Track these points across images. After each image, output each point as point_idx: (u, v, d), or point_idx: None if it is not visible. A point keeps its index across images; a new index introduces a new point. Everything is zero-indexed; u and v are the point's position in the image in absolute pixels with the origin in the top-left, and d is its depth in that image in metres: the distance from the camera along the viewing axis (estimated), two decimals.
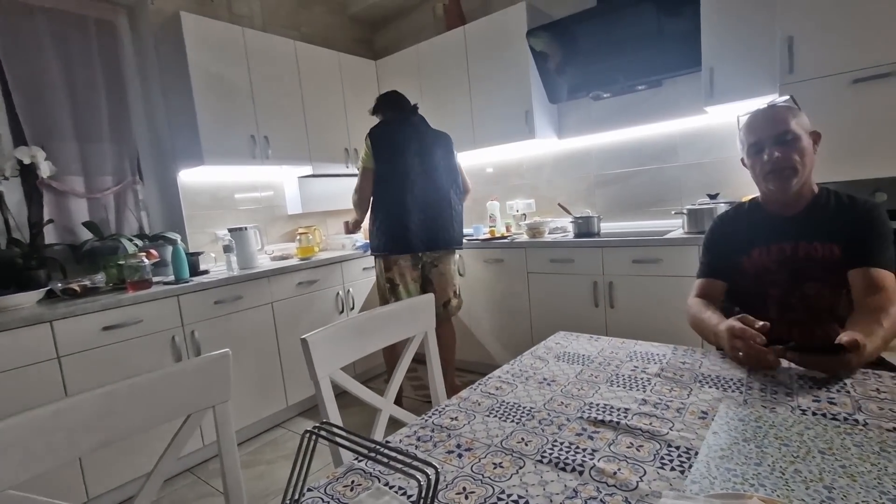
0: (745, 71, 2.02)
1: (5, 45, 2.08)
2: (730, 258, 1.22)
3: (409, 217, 2.20)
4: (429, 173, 2.25)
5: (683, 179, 2.54)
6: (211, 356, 0.86)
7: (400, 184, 2.20)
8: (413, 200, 2.21)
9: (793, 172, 1.10)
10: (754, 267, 1.18)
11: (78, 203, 2.30)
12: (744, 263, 1.20)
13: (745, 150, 1.18)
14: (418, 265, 2.29)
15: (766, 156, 1.11)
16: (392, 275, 2.26)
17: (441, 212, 2.26)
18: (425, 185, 2.24)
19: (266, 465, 2.06)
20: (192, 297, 2.05)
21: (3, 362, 1.58)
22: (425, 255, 2.29)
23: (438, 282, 2.31)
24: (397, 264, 2.24)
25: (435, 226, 2.25)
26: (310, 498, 0.65)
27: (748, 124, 1.17)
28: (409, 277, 2.27)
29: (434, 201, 2.25)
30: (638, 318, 2.20)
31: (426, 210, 2.23)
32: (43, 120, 2.18)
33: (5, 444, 0.64)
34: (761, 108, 1.17)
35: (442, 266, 2.32)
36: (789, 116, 1.10)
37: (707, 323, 1.08)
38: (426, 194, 2.24)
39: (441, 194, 2.27)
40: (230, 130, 2.47)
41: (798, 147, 1.09)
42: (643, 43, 2.32)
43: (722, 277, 1.23)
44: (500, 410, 0.86)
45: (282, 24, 3.08)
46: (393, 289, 2.27)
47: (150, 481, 0.78)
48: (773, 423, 0.72)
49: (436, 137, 2.32)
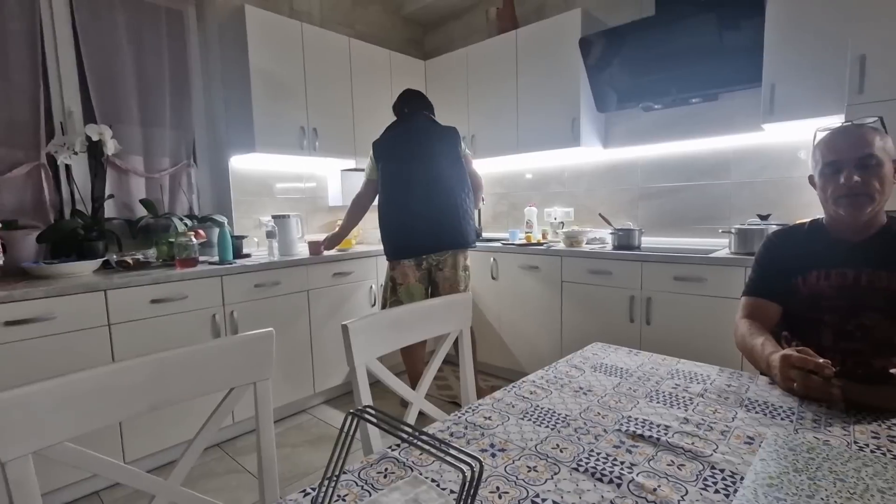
0: (810, 89, 1.93)
1: (85, 29, 2.22)
2: (784, 278, 1.16)
3: (413, 222, 2.19)
4: (433, 178, 2.20)
5: (733, 198, 2.45)
6: (256, 333, 0.89)
7: (403, 190, 2.20)
8: (417, 206, 2.18)
9: (868, 200, 1.03)
10: (810, 290, 1.12)
11: (137, 181, 2.43)
12: (798, 285, 1.13)
13: (817, 169, 1.11)
14: (421, 266, 2.27)
15: (844, 178, 1.03)
16: (395, 274, 2.28)
17: (447, 214, 2.21)
18: (429, 189, 2.19)
19: (290, 448, 2.11)
20: (234, 279, 2.13)
21: (61, 325, 1.68)
22: (429, 258, 2.26)
23: (443, 285, 2.29)
24: (401, 264, 2.26)
25: (440, 228, 2.21)
26: (344, 480, 0.66)
27: (828, 142, 1.09)
28: (412, 278, 2.26)
29: (440, 205, 2.20)
30: (676, 337, 2.13)
31: (431, 214, 2.19)
32: (112, 101, 2.32)
33: (67, 398, 0.69)
34: (845, 126, 1.09)
35: (447, 270, 2.28)
36: (875, 139, 1.03)
37: (758, 350, 1.02)
38: (430, 199, 2.19)
39: (447, 197, 2.21)
40: (282, 121, 2.56)
41: (879, 174, 1.02)
42: (701, 55, 2.25)
43: (772, 297, 1.17)
44: (535, 415, 0.85)
45: (338, 20, 3.16)
46: (394, 288, 2.29)
47: (192, 448, 0.81)
48: (828, 457, 0.68)
49: (441, 137, 2.26)
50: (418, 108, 2.32)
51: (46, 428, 0.66)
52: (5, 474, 0.62)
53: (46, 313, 1.64)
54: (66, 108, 2.19)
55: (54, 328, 1.66)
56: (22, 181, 2.07)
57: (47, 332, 1.65)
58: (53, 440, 0.67)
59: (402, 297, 2.28)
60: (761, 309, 1.17)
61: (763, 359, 0.99)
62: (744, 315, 1.17)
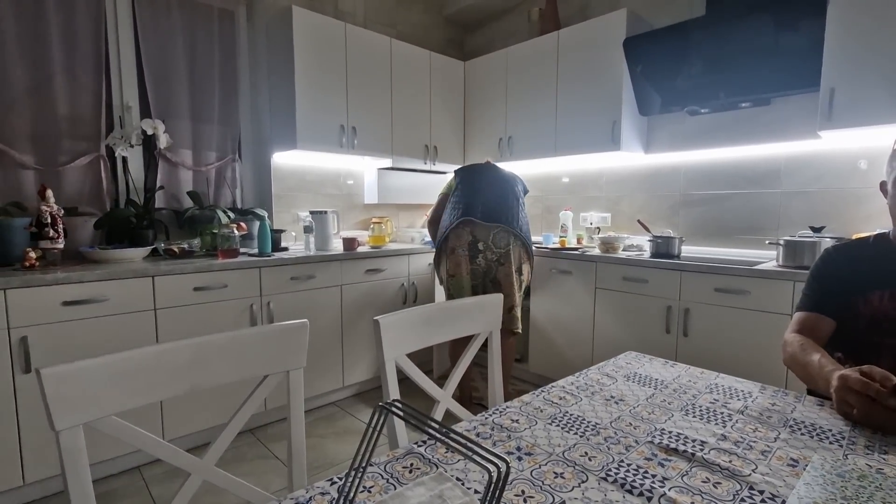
0: (872, 95, 1.81)
1: (145, 29, 2.35)
2: (842, 296, 1.08)
3: (474, 200, 2.30)
4: (496, 190, 2.35)
5: (784, 208, 2.33)
6: (292, 324, 0.92)
7: (469, 191, 2.33)
8: (478, 196, 2.31)
9: None
10: (872, 312, 1.05)
11: (185, 174, 2.54)
12: (859, 306, 1.06)
13: (891, 176, 1.05)
14: (476, 259, 2.28)
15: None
16: (449, 264, 2.33)
17: (505, 204, 2.31)
18: (491, 193, 2.33)
19: (318, 439, 2.16)
20: (271, 271, 2.20)
21: (113, 307, 1.78)
22: (488, 250, 2.27)
23: (504, 282, 2.28)
24: (454, 254, 2.29)
25: (498, 209, 2.29)
26: (370, 472, 0.67)
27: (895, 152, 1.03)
28: (463, 270, 2.29)
29: (499, 201, 2.32)
30: (715, 351, 2.04)
31: (490, 202, 2.30)
32: (166, 96, 2.44)
33: (116, 375, 0.73)
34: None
35: (507, 266, 2.27)
36: None
37: (815, 367, 0.94)
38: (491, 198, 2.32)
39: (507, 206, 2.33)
40: (323, 119, 2.62)
41: None
42: (754, 57, 2.15)
43: (829, 314, 1.10)
44: (563, 421, 0.84)
45: (381, 21, 3.21)
46: (450, 279, 2.33)
47: (227, 430, 0.84)
48: (881, 486, 0.64)
49: (514, 181, 2.44)
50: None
51: (96, 401, 0.70)
52: (59, 442, 0.67)
53: (99, 295, 1.75)
54: (125, 103, 2.32)
55: (106, 310, 1.77)
56: (83, 171, 2.21)
57: (99, 314, 1.76)
58: (102, 413, 0.71)
59: (451, 289, 2.32)
60: (816, 325, 1.10)
61: (822, 377, 0.92)
62: (794, 330, 1.11)
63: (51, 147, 2.13)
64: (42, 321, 1.65)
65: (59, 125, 2.14)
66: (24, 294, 1.61)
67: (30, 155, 2.08)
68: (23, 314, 1.61)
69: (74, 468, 0.68)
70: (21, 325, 1.61)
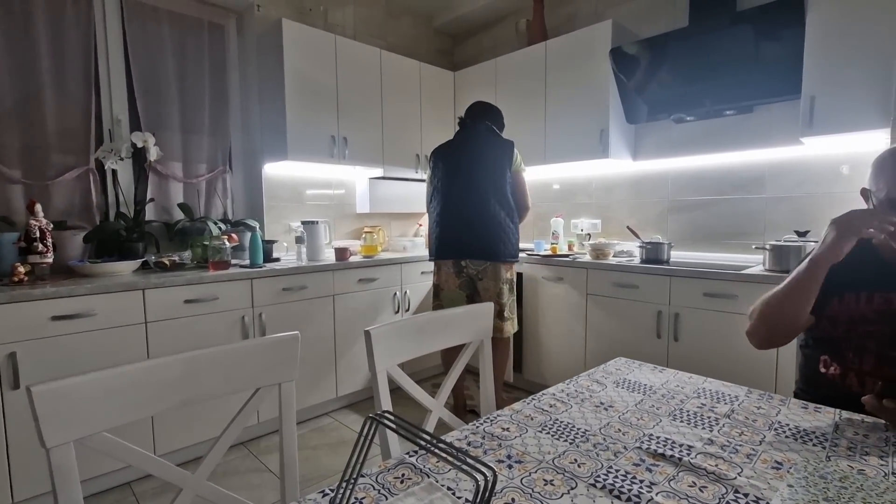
0: (852, 102, 1.86)
1: (134, 42, 2.35)
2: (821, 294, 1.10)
3: (446, 225, 2.28)
4: (470, 187, 2.24)
5: (769, 213, 2.37)
6: (282, 336, 0.92)
7: (445, 195, 2.31)
8: (452, 210, 2.27)
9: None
10: (847, 313, 1.07)
11: (175, 186, 2.54)
12: (833, 306, 1.09)
13: (877, 194, 1.03)
14: (461, 273, 2.30)
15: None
16: (438, 280, 2.37)
17: (478, 224, 2.21)
18: (464, 197, 2.24)
19: (311, 450, 2.15)
20: (263, 282, 2.19)
21: (103, 321, 1.77)
22: (469, 266, 2.28)
23: (484, 296, 2.29)
24: (441, 270, 2.35)
25: (471, 236, 2.23)
26: (362, 483, 0.68)
27: (882, 168, 1.01)
28: (452, 285, 2.33)
29: (471, 214, 2.22)
30: (704, 355, 2.06)
31: (462, 222, 2.25)
32: (156, 109, 2.44)
33: (106, 391, 0.73)
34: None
35: (486, 281, 2.26)
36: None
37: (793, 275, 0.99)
38: (464, 206, 2.24)
39: (480, 207, 2.21)
40: (314, 130, 2.63)
41: None
42: (736, 66, 2.21)
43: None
44: (553, 428, 0.85)
45: (371, 33, 3.24)
46: (437, 293, 2.39)
47: (219, 444, 0.84)
48: (862, 486, 0.65)
49: (492, 148, 2.27)
50: (480, 118, 2.38)
51: (87, 418, 0.70)
52: (49, 459, 0.66)
53: (89, 310, 1.74)
54: (115, 116, 2.32)
55: (96, 324, 1.75)
56: (72, 185, 2.20)
57: (90, 328, 1.74)
58: (93, 430, 0.70)
59: (444, 302, 2.36)
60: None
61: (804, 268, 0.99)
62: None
63: (40, 161, 2.12)
64: (31, 336, 1.63)
65: (48, 139, 2.13)
66: (12, 309, 1.59)
67: (18, 169, 2.07)
68: (11, 330, 1.59)
69: (65, 485, 0.68)
70: (9, 340, 1.59)
